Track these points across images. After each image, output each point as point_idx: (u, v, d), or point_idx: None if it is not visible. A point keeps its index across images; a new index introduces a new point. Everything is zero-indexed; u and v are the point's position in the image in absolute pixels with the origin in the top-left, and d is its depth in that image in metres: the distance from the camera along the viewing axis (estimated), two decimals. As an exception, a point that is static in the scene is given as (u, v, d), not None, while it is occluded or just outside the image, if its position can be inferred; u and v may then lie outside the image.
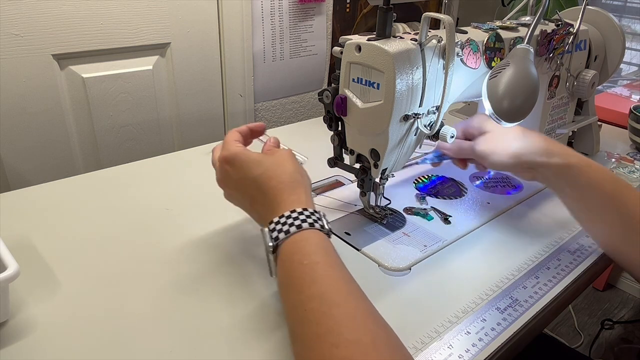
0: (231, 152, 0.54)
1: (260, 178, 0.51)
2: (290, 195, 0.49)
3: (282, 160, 0.53)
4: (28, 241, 0.62)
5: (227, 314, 0.52)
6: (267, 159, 0.53)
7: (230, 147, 0.54)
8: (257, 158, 0.53)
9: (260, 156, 0.53)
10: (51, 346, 0.47)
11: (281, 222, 0.47)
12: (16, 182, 1.08)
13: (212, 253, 0.62)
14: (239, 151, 0.54)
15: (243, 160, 0.53)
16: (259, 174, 0.51)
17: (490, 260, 0.62)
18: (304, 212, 0.47)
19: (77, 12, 1.04)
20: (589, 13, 0.87)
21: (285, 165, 0.52)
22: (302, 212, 0.47)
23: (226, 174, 0.54)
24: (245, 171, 0.52)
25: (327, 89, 0.61)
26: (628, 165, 0.90)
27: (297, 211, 0.47)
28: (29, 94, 1.04)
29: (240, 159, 0.53)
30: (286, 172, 0.51)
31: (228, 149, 0.54)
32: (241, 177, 0.53)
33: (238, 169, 0.53)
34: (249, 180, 0.52)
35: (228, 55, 1.31)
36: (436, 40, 0.56)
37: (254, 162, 0.52)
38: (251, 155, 0.53)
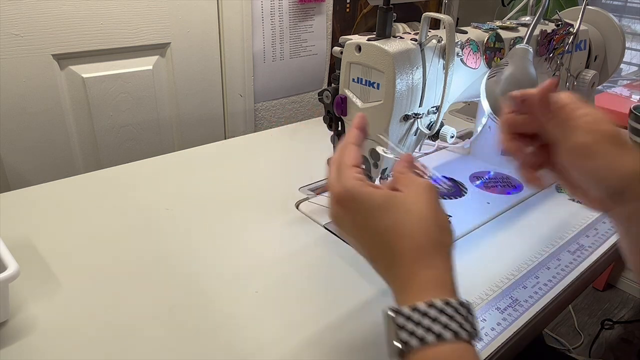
0: (346, 187, 0.39)
1: (387, 234, 0.38)
2: (429, 269, 0.37)
3: (420, 205, 0.38)
4: (28, 241, 0.62)
5: (228, 314, 0.52)
6: (398, 203, 0.38)
7: (345, 180, 0.40)
8: (383, 200, 0.38)
9: (387, 197, 0.39)
10: (51, 346, 0.47)
11: (414, 319, 0.34)
12: (16, 182, 1.08)
13: (212, 253, 0.62)
14: (357, 188, 0.39)
15: (363, 202, 0.39)
16: (386, 227, 0.38)
17: (490, 261, 0.62)
18: (447, 309, 0.34)
19: (77, 12, 1.04)
20: (589, 13, 0.87)
21: (424, 215, 0.38)
22: (444, 307, 0.34)
23: (339, 217, 0.41)
24: (366, 218, 0.39)
25: (327, 89, 0.61)
26: (628, 165, 0.89)
27: (436, 306, 0.34)
28: (29, 94, 1.04)
29: (359, 199, 0.39)
30: (425, 229, 0.37)
31: (342, 182, 0.40)
32: (360, 225, 0.39)
33: (355, 214, 0.39)
34: (370, 231, 0.39)
35: (228, 55, 1.31)
36: (436, 40, 0.56)
37: (378, 207, 0.38)
38: (374, 194, 0.39)
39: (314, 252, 0.62)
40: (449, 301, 0.34)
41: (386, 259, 0.38)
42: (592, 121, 0.40)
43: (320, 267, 0.59)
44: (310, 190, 0.77)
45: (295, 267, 0.59)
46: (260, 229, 0.67)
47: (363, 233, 0.39)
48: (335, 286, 0.56)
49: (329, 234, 0.66)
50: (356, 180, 0.40)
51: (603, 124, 0.39)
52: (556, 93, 0.42)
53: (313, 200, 0.74)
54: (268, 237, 0.65)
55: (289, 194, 0.75)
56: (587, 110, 0.40)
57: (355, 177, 0.40)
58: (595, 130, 0.39)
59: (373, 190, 0.39)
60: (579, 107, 0.40)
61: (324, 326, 0.50)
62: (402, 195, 0.39)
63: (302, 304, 0.53)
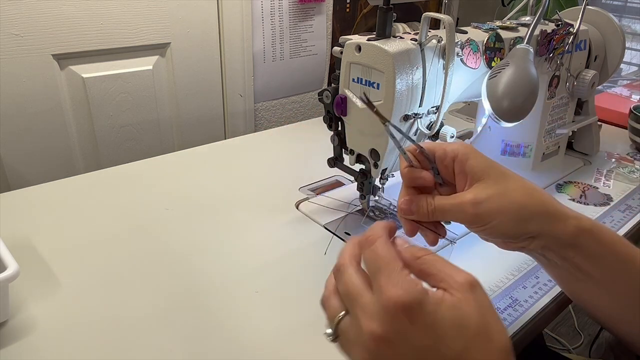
0: (413, 295, 0.30)
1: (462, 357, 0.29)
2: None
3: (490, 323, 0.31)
4: (28, 241, 0.62)
5: (228, 314, 0.52)
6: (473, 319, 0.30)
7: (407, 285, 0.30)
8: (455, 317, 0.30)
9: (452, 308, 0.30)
10: (51, 346, 0.47)
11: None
12: (16, 182, 1.08)
13: (212, 253, 0.62)
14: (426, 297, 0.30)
15: (432, 316, 0.30)
16: (457, 352, 0.29)
17: (490, 260, 0.62)
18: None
19: (77, 12, 1.04)
20: (589, 13, 0.87)
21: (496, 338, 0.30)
22: None
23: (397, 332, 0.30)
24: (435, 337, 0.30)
25: (327, 89, 0.61)
26: (628, 165, 0.90)
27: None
28: (29, 94, 1.04)
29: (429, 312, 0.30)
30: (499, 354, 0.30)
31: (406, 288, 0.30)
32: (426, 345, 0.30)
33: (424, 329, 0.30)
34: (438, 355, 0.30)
35: (228, 55, 1.31)
36: (436, 40, 0.56)
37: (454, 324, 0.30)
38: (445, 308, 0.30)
39: (314, 252, 0.62)
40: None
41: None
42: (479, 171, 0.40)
43: (320, 267, 0.59)
44: (310, 190, 0.77)
45: (295, 267, 0.59)
46: (260, 229, 0.67)
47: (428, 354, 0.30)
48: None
49: (329, 234, 0.66)
50: (419, 285, 0.30)
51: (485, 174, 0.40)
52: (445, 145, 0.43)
53: (313, 200, 0.74)
54: (268, 237, 0.65)
55: (289, 194, 0.75)
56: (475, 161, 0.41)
57: (415, 280, 0.31)
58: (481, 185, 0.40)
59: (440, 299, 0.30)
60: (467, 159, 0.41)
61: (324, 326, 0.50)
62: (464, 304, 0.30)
63: (302, 304, 0.53)
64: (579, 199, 0.77)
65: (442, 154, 0.42)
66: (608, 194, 0.78)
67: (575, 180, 0.83)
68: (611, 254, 0.42)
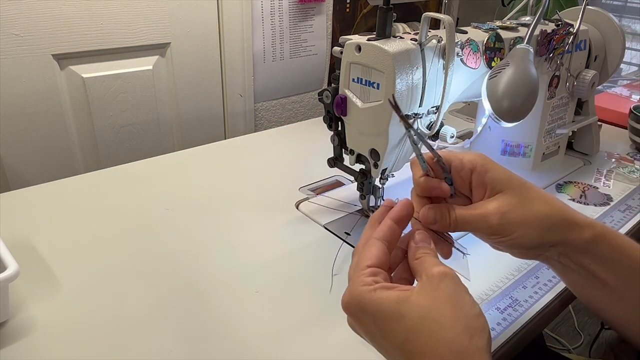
0: (352, 295, 0.35)
1: (404, 348, 0.33)
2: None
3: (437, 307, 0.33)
4: (28, 241, 0.62)
5: (228, 314, 0.52)
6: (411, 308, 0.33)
7: (352, 286, 0.36)
8: (393, 308, 0.33)
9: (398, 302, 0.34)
10: (51, 346, 0.47)
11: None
12: (16, 182, 1.08)
13: (212, 253, 0.62)
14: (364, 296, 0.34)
15: (371, 313, 0.34)
16: (402, 341, 0.33)
17: (490, 261, 0.62)
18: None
19: (77, 12, 1.04)
20: (589, 13, 0.87)
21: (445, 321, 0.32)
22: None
23: (352, 326, 0.38)
24: (380, 331, 0.34)
25: (327, 89, 0.61)
26: (628, 165, 0.90)
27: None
28: (29, 94, 1.04)
29: (367, 309, 0.34)
30: (448, 338, 0.32)
31: (349, 288, 0.36)
32: (376, 337, 0.35)
33: (367, 324, 0.35)
34: (386, 344, 0.34)
35: (228, 55, 1.31)
36: (436, 40, 0.56)
37: (389, 317, 0.33)
38: (383, 302, 0.34)
39: (314, 252, 0.62)
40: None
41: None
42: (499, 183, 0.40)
43: (320, 267, 0.59)
44: (310, 190, 0.77)
45: (296, 267, 0.59)
46: (260, 229, 0.67)
47: (381, 345, 0.35)
48: (335, 286, 0.56)
49: (329, 234, 0.66)
50: (364, 286, 0.35)
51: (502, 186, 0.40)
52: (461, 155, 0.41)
53: (313, 200, 0.74)
54: (268, 237, 0.65)
55: (289, 194, 0.75)
56: (495, 173, 0.40)
57: (364, 281, 0.35)
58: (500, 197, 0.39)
59: (383, 296, 0.34)
60: (487, 170, 0.40)
61: (325, 326, 0.50)
62: (415, 297, 0.33)
63: (302, 304, 0.53)
64: (579, 199, 0.77)
65: (459, 165, 0.41)
66: (608, 194, 0.78)
67: (575, 180, 0.83)
68: (625, 259, 0.42)
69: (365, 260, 0.36)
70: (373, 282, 0.35)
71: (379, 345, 0.36)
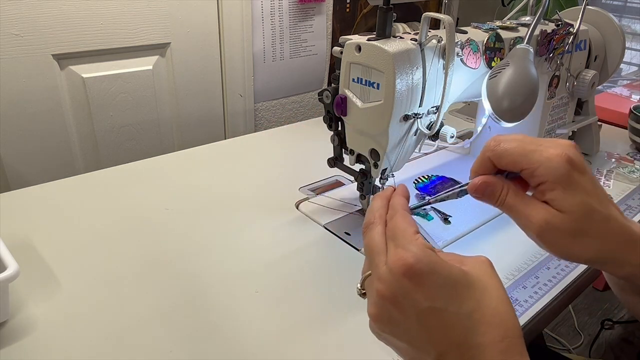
0: (421, 257, 0.31)
1: (470, 320, 0.31)
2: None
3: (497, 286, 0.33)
4: (28, 241, 0.62)
5: (228, 314, 0.52)
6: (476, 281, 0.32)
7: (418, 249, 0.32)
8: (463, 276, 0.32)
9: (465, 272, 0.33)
10: (51, 346, 0.47)
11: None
12: (16, 182, 1.08)
13: (212, 253, 0.62)
14: (434, 259, 0.32)
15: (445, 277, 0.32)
16: (470, 310, 0.31)
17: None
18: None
19: (77, 12, 1.04)
20: (589, 13, 0.87)
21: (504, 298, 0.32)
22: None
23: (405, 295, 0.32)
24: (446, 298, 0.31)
25: (327, 89, 0.61)
26: (628, 165, 0.90)
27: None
28: (29, 94, 1.04)
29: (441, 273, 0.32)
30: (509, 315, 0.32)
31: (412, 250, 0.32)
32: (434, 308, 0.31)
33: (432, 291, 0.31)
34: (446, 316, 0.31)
35: (228, 55, 1.31)
36: (436, 40, 0.56)
37: (459, 285, 0.32)
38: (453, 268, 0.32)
39: (314, 252, 0.62)
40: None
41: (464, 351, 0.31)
42: None
43: (320, 267, 0.59)
44: (310, 190, 0.77)
45: (295, 267, 0.59)
46: (260, 229, 0.67)
47: (434, 319, 0.31)
48: (335, 286, 0.56)
49: (329, 234, 0.66)
50: (429, 249, 0.32)
51: None
52: None
53: (313, 200, 0.74)
54: (268, 237, 0.65)
55: (289, 194, 0.75)
56: None
57: (426, 244, 0.33)
58: None
59: (448, 263, 0.32)
60: None
61: (324, 326, 0.50)
62: (475, 272, 0.33)
63: (302, 304, 0.53)
64: (579, 199, 0.77)
65: None
66: (608, 194, 0.78)
67: (575, 180, 0.83)
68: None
69: (410, 227, 0.34)
70: (433, 247, 0.33)
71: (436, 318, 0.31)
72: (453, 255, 0.35)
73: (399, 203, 0.37)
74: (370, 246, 0.35)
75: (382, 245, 0.34)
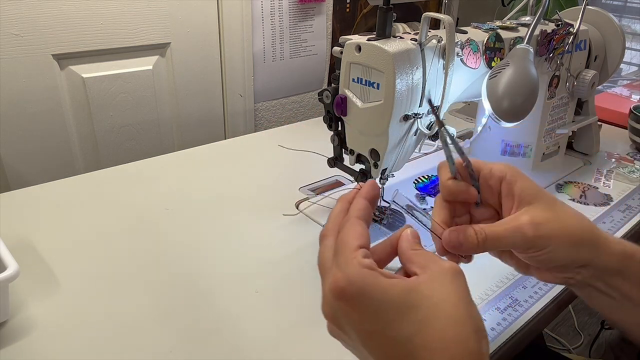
0: (350, 278, 0.30)
1: (410, 344, 0.29)
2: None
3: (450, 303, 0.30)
4: (28, 241, 0.62)
5: (228, 314, 0.52)
6: (422, 299, 0.30)
7: (349, 268, 0.31)
8: (402, 296, 0.30)
9: (406, 290, 0.30)
10: (51, 346, 0.47)
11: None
12: (16, 182, 1.08)
13: (212, 253, 0.62)
14: (367, 280, 0.30)
15: (375, 300, 0.30)
16: (409, 335, 0.29)
17: (490, 260, 0.62)
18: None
19: (77, 12, 1.04)
20: (589, 13, 0.87)
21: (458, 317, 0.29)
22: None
23: (337, 317, 0.32)
24: (379, 322, 0.30)
25: (327, 89, 0.61)
26: (628, 165, 0.90)
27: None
28: (29, 94, 1.04)
29: (370, 296, 0.30)
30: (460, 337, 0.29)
31: (344, 269, 0.31)
32: (369, 331, 0.30)
33: (363, 315, 0.30)
34: (383, 340, 0.30)
35: (228, 55, 1.31)
36: (436, 40, 0.56)
37: (397, 307, 0.29)
38: (390, 289, 0.30)
39: (314, 252, 0.62)
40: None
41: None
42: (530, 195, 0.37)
43: (320, 267, 0.59)
44: (310, 190, 0.77)
45: (296, 267, 0.59)
46: (261, 229, 0.67)
47: (373, 341, 0.30)
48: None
49: (329, 234, 0.66)
50: (364, 268, 0.30)
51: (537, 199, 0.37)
52: (490, 165, 0.39)
53: (313, 200, 0.74)
54: (268, 237, 0.65)
55: (289, 194, 0.75)
56: (523, 183, 0.38)
57: (363, 263, 0.30)
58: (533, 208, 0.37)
59: (387, 283, 0.30)
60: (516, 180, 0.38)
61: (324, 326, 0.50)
62: (425, 287, 0.30)
63: (302, 304, 0.53)
64: (579, 199, 0.77)
65: (488, 174, 0.39)
66: (608, 194, 0.78)
67: (575, 180, 0.83)
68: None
69: (354, 240, 0.32)
70: (373, 266, 0.31)
71: (367, 339, 0.30)
72: (423, 255, 0.33)
73: (354, 208, 0.35)
74: (319, 263, 0.34)
75: (328, 263, 0.33)
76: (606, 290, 0.40)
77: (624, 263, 0.39)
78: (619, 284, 0.39)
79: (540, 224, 0.36)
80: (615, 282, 0.39)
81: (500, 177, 0.39)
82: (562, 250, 0.37)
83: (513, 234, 0.37)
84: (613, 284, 0.39)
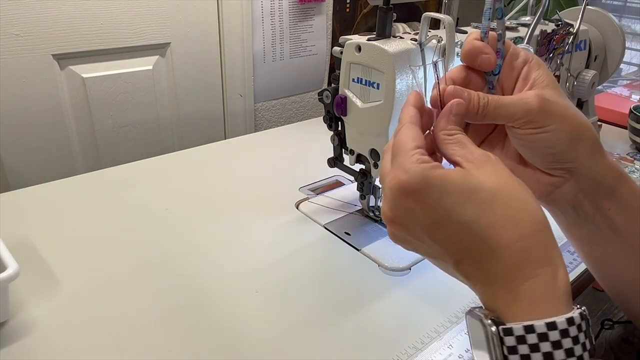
0: (414, 173, 0.31)
1: (478, 223, 0.30)
2: (543, 268, 0.30)
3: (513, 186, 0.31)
4: (28, 241, 0.62)
5: (228, 314, 0.52)
6: (486, 184, 0.30)
7: (410, 166, 0.31)
8: (463, 182, 0.31)
9: (466, 176, 0.31)
10: (51, 346, 0.47)
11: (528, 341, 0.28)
12: (16, 182, 1.08)
13: (212, 253, 0.62)
14: (429, 172, 0.31)
15: (441, 188, 0.31)
16: (477, 214, 0.30)
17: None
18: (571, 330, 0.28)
19: (77, 12, 1.04)
20: (589, 13, 0.87)
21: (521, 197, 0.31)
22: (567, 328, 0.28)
23: (406, 215, 0.32)
24: (448, 208, 0.30)
25: (327, 89, 0.61)
26: (628, 165, 0.90)
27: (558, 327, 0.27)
28: (29, 94, 1.04)
29: (436, 185, 0.31)
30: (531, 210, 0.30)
31: (406, 168, 0.31)
32: (438, 219, 0.31)
33: (431, 205, 0.31)
34: (453, 224, 0.31)
35: (228, 55, 1.31)
36: (436, 40, 0.56)
37: (460, 191, 0.30)
38: (452, 176, 0.31)
39: (314, 252, 0.62)
40: (572, 318, 0.28)
41: (479, 256, 0.30)
42: None
43: (320, 267, 0.59)
44: (310, 190, 0.77)
45: (295, 267, 0.59)
46: (260, 229, 0.67)
47: (440, 231, 0.31)
48: (335, 286, 0.56)
49: (329, 234, 0.66)
50: (424, 163, 0.31)
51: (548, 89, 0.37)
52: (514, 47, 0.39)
53: (313, 200, 0.74)
54: (268, 237, 0.65)
55: (289, 194, 0.75)
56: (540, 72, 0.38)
57: (422, 159, 0.32)
58: None
59: (445, 171, 0.31)
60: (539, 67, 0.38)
61: (324, 326, 0.50)
62: (479, 172, 0.31)
63: (302, 304, 0.53)
64: (579, 199, 0.77)
65: (515, 53, 0.39)
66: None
67: (575, 180, 0.83)
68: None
69: (410, 142, 0.33)
70: (430, 160, 0.32)
71: (437, 229, 0.31)
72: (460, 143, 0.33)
73: (405, 115, 0.36)
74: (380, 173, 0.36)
75: (387, 168, 0.34)
76: (593, 214, 0.38)
77: (618, 181, 0.37)
78: (607, 208, 0.38)
79: (547, 100, 0.36)
80: (604, 205, 0.38)
81: (526, 60, 0.38)
82: (560, 136, 0.36)
83: (517, 102, 0.36)
84: (602, 205, 0.38)
